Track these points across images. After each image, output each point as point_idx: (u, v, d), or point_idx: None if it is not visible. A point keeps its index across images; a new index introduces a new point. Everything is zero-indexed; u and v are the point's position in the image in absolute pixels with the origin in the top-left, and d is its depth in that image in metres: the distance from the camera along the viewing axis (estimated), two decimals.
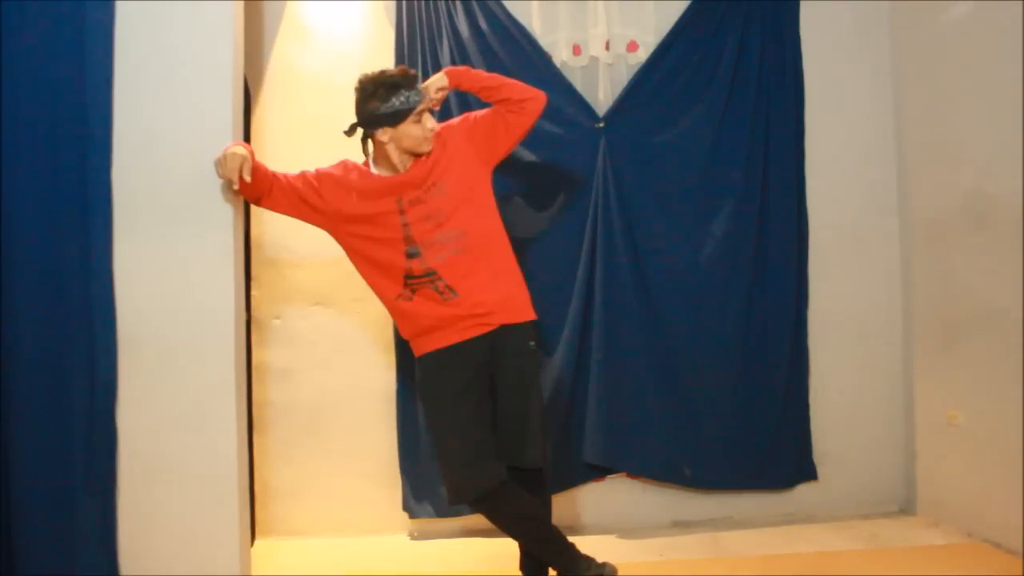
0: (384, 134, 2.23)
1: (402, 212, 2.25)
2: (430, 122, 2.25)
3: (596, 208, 3.07)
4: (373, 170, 2.32)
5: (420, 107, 2.20)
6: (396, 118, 2.19)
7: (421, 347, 2.31)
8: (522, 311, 2.31)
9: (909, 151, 3.25)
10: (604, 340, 3.03)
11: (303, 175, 2.35)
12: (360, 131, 2.30)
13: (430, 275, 2.23)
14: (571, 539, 2.35)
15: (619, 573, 2.57)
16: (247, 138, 2.98)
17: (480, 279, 2.25)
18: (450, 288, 2.23)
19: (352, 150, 3.14)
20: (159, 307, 2.41)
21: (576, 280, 3.05)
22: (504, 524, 2.26)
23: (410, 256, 2.24)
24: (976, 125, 2.85)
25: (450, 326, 2.24)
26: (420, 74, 2.44)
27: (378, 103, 2.19)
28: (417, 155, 2.28)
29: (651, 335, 3.06)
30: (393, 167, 2.28)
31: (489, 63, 3.09)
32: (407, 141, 2.23)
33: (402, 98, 2.18)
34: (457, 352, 2.24)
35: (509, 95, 2.35)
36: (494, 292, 2.26)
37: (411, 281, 2.26)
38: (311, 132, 3.17)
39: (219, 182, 2.43)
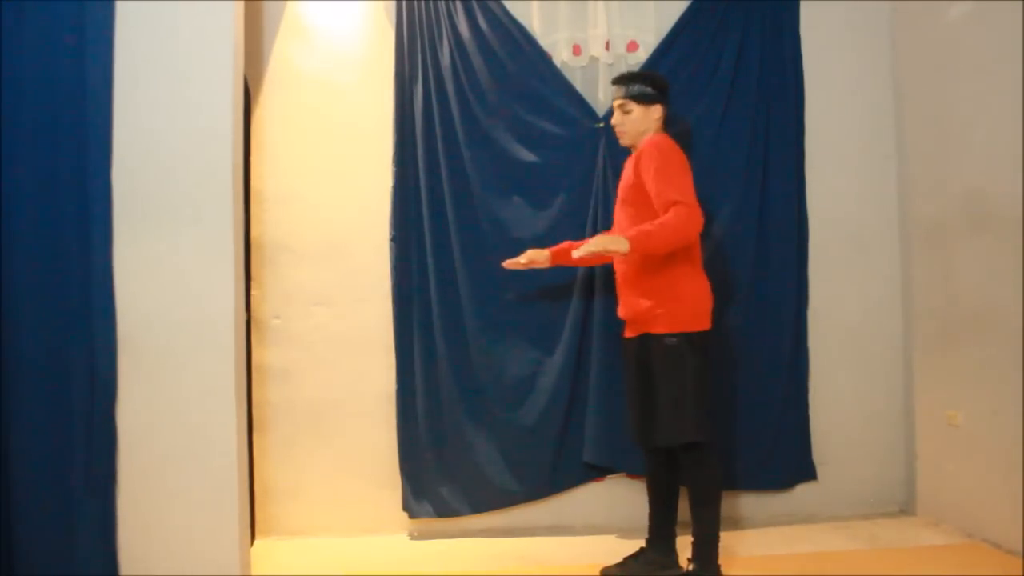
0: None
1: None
2: (618, 118, 2.59)
3: (596, 208, 3.07)
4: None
5: (615, 99, 2.59)
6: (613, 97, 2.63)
7: None
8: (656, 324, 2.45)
9: (909, 151, 3.25)
10: (604, 340, 3.03)
11: None
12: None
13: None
14: (574, 539, 2.35)
15: (619, 573, 2.58)
16: (247, 138, 2.98)
17: (623, 290, 2.57)
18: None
19: (350, 151, 3.18)
20: (159, 307, 2.41)
21: (576, 280, 3.06)
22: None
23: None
24: (976, 125, 2.85)
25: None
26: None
27: None
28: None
29: None
30: None
31: (489, 63, 3.09)
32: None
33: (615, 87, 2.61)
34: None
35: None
36: (627, 306, 2.55)
37: None
38: (311, 132, 3.18)
39: (219, 182, 2.44)
